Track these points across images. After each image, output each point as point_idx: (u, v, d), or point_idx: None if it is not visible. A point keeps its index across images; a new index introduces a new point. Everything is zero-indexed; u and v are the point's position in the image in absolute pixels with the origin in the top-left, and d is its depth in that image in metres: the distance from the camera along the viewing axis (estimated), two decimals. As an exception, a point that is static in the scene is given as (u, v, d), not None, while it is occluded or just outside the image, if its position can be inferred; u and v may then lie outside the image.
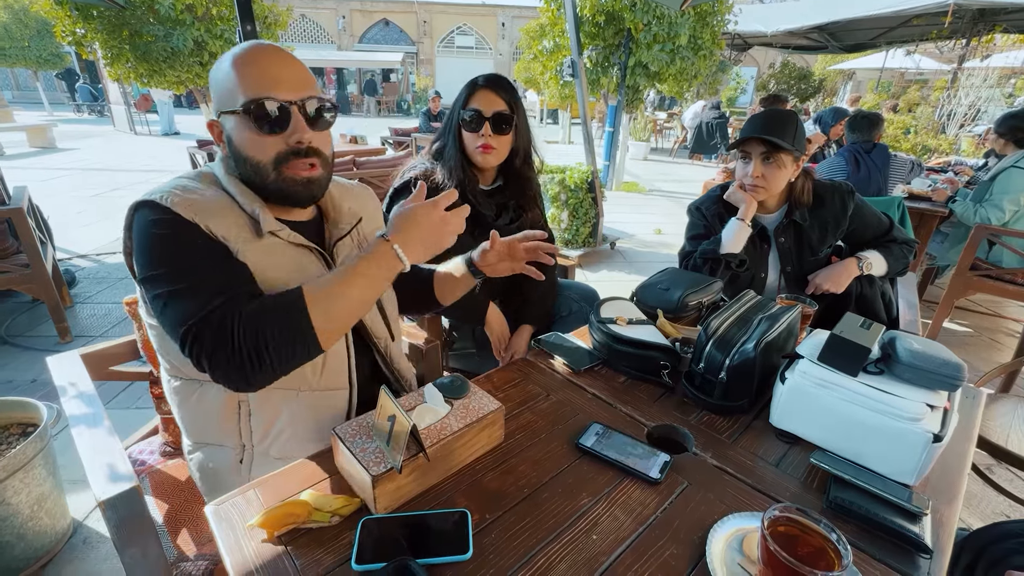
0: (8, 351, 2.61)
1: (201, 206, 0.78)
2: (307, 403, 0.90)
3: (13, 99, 16.79)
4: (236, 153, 0.84)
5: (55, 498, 1.50)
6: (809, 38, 9.73)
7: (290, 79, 0.81)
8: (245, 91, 0.78)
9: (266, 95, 0.78)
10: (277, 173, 0.82)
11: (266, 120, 0.79)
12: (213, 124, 0.86)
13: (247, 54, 0.81)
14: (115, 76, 5.97)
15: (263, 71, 0.80)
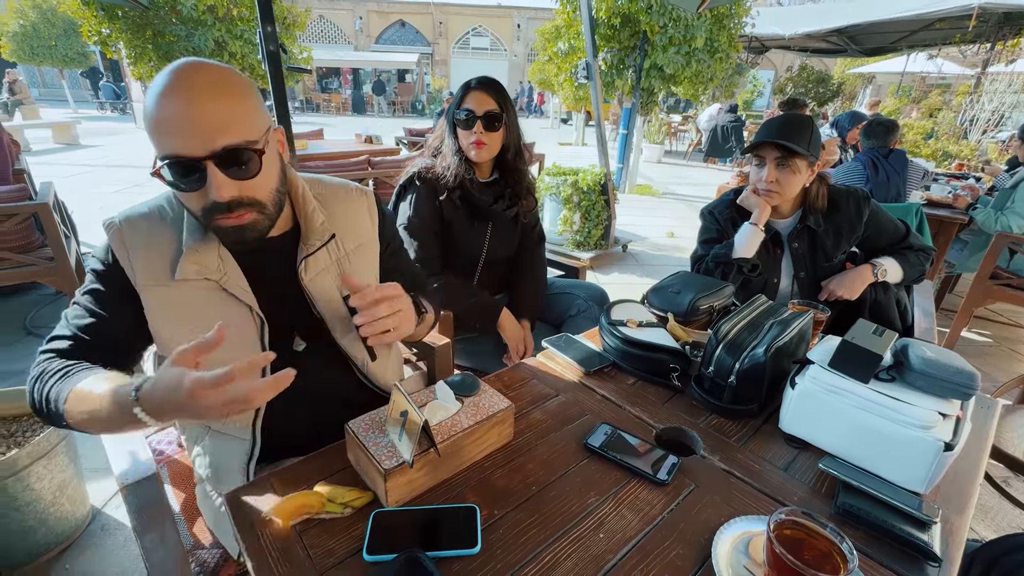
0: (32, 342, 2.69)
1: (135, 239, 0.81)
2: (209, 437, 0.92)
3: (39, 96, 17.21)
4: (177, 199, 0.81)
5: (76, 485, 1.54)
6: (828, 41, 9.62)
7: (200, 128, 0.68)
8: (157, 143, 0.70)
9: (172, 153, 0.69)
10: (208, 221, 0.76)
11: (179, 179, 0.71)
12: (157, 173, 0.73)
13: (160, 93, 0.68)
14: (138, 75, 6.10)
15: (169, 121, 0.68)
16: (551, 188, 4.24)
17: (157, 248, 0.82)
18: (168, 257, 0.81)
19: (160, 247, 0.82)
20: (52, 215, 2.49)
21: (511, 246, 1.66)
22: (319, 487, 0.73)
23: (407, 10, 23.11)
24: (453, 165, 1.48)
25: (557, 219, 4.27)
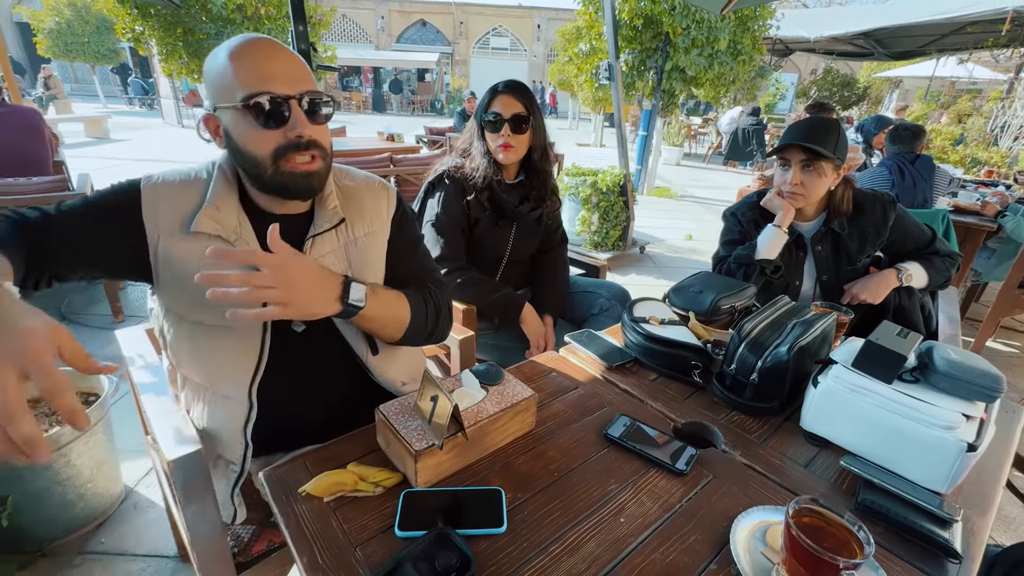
0: (67, 327, 2.79)
1: (165, 193, 0.85)
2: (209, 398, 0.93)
3: (71, 91, 17.75)
4: (234, 147, 0.83)
5: (112, 464, 1.61)
6: (854, 44, 9.44)
7: (287, 74, 0.80)
8: (243, 85, 0.77)
9: (264, 89, 0.77)
10: (275, 167, 0.81)
11: (265, 114, 0.78)
12: (210, 119, 0.84)
13: (243, 48, 0.79)
14: (168, 71, 6.28)
15: (260, 65, 0.78)
16: (570, 188, 4.25)
17: (183, 203, 0.85)
18: (189, 212, 0.84)
19: (185, 203, 0.85)
20: (89, 206, 2.59)
21: (534, 246, 1.70)
22: (352, 466, 0.76)
23: (428, 10, 23.29)
24: (482, 167, 1.51)
25: (575, 219, 4.29)
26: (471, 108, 8.05)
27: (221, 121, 0.83)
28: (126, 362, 1.13)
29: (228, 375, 0.90)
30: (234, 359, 0.89)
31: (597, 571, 0.63)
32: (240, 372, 0.89)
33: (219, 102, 0.81)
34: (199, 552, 0.90)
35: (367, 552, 0.65)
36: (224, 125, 0.83)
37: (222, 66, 0.79)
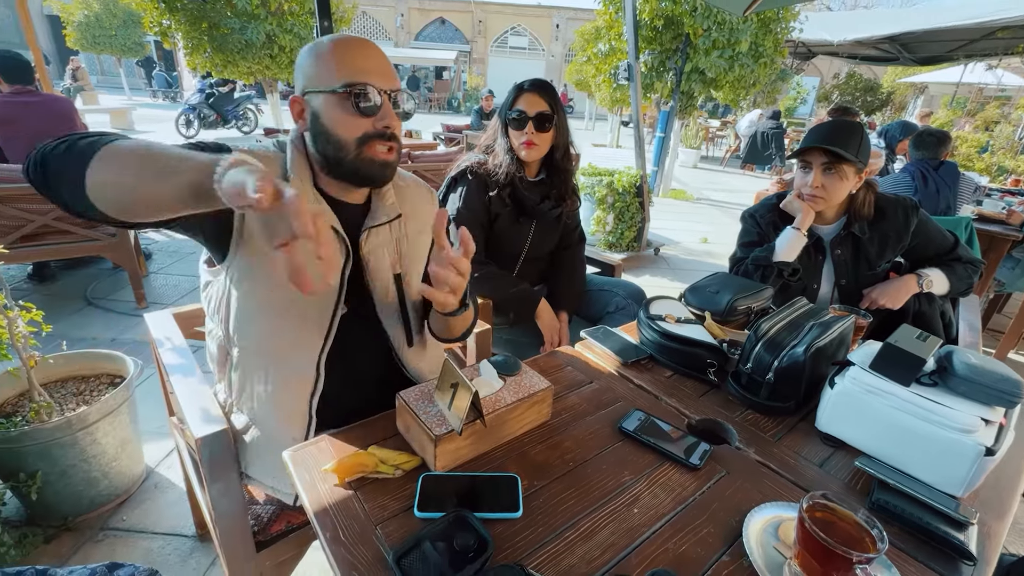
0: (92, 312, 2.88)
1: (259, 157, 0.88)
2: (274, 377, 0.94)
3: (98, 83, 18.14)
4: (321, 129, 0.88)
5: (134, 444, 1.66)
6: (879, 48, 9.27)
7: (384, 71, 0.88)
8: (345, 75, 0.85)
9: (363, 80, 0.85)
10: (358, 152, 0.88)
11: (362, 103, 0.85)
12: (296, 100, 0.90)
13: (348, 42, 0.88)
14: (193, 65, 6.40)
15: (363, 60, 0.86)
16: (586, 188, 4.25)
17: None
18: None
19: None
20: (117, 194, 2.65)
21: (552, 244, 1.71)
22: (372, 449, 0.78)
23: (448, 8, 23.37)
24: (505, 164, 1.53)
25: (591, 219, 4.29)
26: (488, 106, 8.07)
27: (310, 104, 0.89)
28: (154, 344, 1.17)
29: (299, 345, 0.94)
30: (305, 330, 0.93)
31: (611, 557, 0.65)
32: (310, 342, 0.94)
33: (313, 87, 0.87)
34: (222, 528, 0.93)
35: (387, 531, 0.67)
36: (313, 108, 0.88)
37: (324, 54, 0.86)
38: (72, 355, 1.66)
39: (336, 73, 0.85)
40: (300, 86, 0.90)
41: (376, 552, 0.63)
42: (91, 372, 1.68)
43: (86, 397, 1.59)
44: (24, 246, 2.54)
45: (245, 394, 0.97)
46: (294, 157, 0.92)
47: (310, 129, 0.90)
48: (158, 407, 1.95)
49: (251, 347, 0.95)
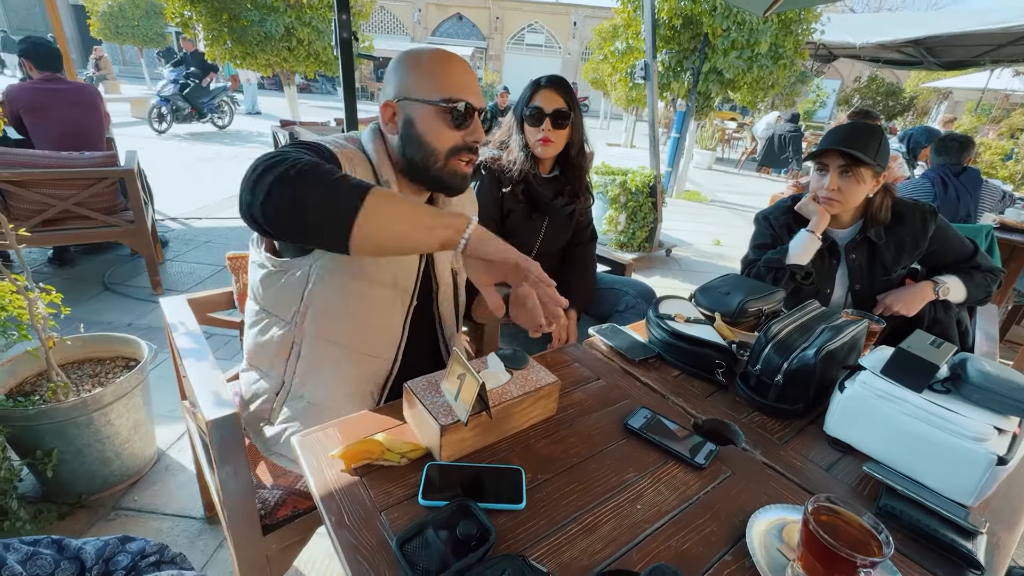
0: (109, 297, 2.93)
1: (350, 155, 0.93)
2: (350, 361, 1.01)
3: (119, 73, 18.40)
4: (413, 135, 0.93)
5: (147, 426, 1.69)
6: (903, 52, 9.09)
7: (477, 91, 0.94)
8: (446, 89, 0.90)
9: (463, 98, 0.91)
10: (446, 162, 0.94)
11: (457, 118, 0.91)
12: (389, 105, 0.94)
13: (450, 59, 0.93)
14: (212, 56, 6.47)
15: (461, 77, 0.92)
16: (599, 187, 4.24)
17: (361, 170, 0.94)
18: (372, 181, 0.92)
19: (362, 171, 0.94)
20: (136, 181, 2.70)
21: (563, 240, 1.71)
22: (379, 436, 0.79)
23: (466, 3, 23.35)
24: (519, 160, 1.53)
25: (603, 218, 4.27)
26: (503, 103, 8.06)
27: (404, 111, 0.93)
28: (168, 329, 1.19)
29: (380, 334, 1.01)
30: (387, 320, 1.01)
31: (613, 552, 0.65)
32: (392, 331, 1.02)
33: (411, 95, 0.92)
34: (229, 510, 0.95)
35: (391, 517, 0.67)
36: (408, 115, 0.93)
37: (427, 67, 0.92)
38: (89, 337, 1.70)
39: (438, 87, 0.91)
40: (394, 91, 0.94)
41: (380, 537, 0.64)
42: (107, 355, 1.72)
43: (101, 379, 1.62)
44: (45, 230, 2.60)
45: (311, 382, 1.01)
46: (381, 160, 0.96)
47: (401, 134, 0.94)
48: (171, 392, 1.98)
49: (329, 336, 0.99)
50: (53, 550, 0.46)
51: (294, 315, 0.98)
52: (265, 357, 1.05)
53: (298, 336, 0.99)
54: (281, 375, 1.03)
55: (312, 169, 0.70)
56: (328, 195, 0.69)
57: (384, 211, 0.71)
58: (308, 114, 9.36)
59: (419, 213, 0.75)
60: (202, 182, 5.50)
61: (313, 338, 0.99)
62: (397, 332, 1.03)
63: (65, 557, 0.46)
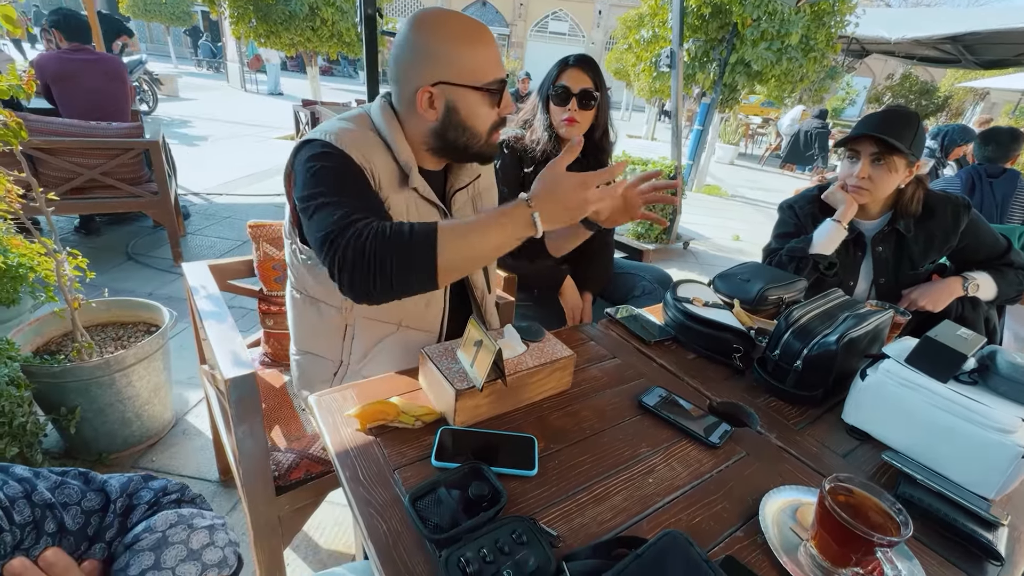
0: (132, 266, 3.00)
1: (361, 143, 0.88)
2: (402, 337, 1.03)
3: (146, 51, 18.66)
4: (456, 121, 0.89)
5: (166, 390, 1.73)
6: (939, 49, 8.76)
7: (500, 58, 0.91)
8: (488, 71, 0.88)
9: (499, 76, 0.89)
10: (487, 139, 0.94)
11: (498, 96, 0.91)
12: (427, 91, 0.87)
13: (480, 33, 0.88)
14: (237, 34, 6.51)
15: (494, 53, 0.89)
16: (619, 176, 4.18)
17: (377, 153, 0.90)
18: (389, 165, 0.92)
19: (378, 153, 0.90)
20: (161, 153, 2.74)
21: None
22: (395, 399, 0.80)
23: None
24: (542, 140, 1.51)
25: (620, 208, 4.22)
26: (524, 89, 7.99)
27: (444, 96, 0.88)
28: (190, 291, 1.22)
29: (428, 305, 1.02)
30: (430, 297, 1.01)
31: (622, 521, 0.65)
32: (435, 303, 1.03)
33: (450, 78, 0.86)
34: (244, 469, 0.97)
35: (404, 475, 0.68)
36: (450, 100, 0.88)
37: (462, 46, 0.86)
38: (112, 302, 1.73)
39: (481, 69, 0.87)
40: (428, 75, 0.87)
41: (392, 493, 0.65)
42: (130, 320, 1.76)
43: (124, 342, 1.66)
44: (73, 198, 2.65)
45: (371, 358, 1.03)
46: (399, 142, 0.92)
47: (443, 119, 0.90)
48: (189, 360, 2.03)
49: (378, 316, 1.00)
50: (80, 481, 0.48)
51: (343, 300, 0.99)
52: (319, 341, 1.05)
53: (350, 319, 1.01)
54: (339, 355, 1.05)
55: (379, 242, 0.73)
56: (403, 260, 0.74)
57: (454, 246, 0.75)
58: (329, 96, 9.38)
59: (486, 229, 0.77)
60: (223, 159, 5.57)
61: (365, 319, 1.01)
62: (440, 305, 1.05)
63: (91, 488, 0.47)
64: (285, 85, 13.33)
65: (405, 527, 0.61)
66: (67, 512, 0.44)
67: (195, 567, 0.45)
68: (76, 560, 0.40)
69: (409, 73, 0.89)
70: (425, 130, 0.93)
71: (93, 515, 0.47)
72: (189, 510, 0.50)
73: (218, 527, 0.50)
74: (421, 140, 0.94)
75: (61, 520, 0.44)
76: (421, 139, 0.94)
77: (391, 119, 0.94)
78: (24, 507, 0.41)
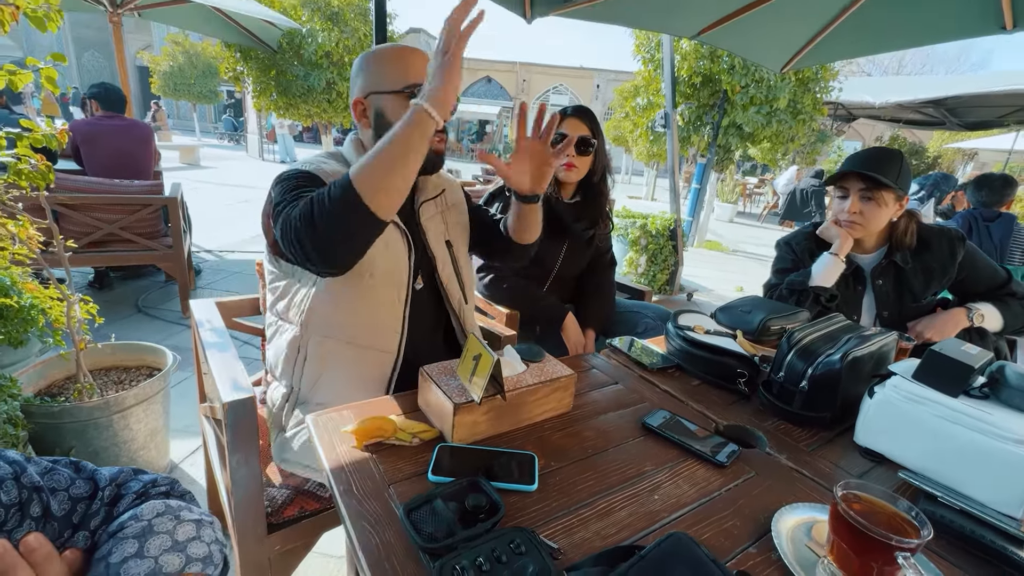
0: (140, 318, 3.03)
1: (328, 169, 0.98)
2: (354, 357, 1.01)
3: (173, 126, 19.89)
4: (385, 125, 0.96)
5: (162, 436, 1.70)
6: (923, 112, 9.19)
7: (423, 68, 0.99)
8: (409, 76, 0.97)
9: (419, 81, 0.98)
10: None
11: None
12: (359, 102, 1.01)
13: (405, 50, 1.00)
14: (258, 107, 6.97)
15: (420, 64, 0.99)
16: (620, 229, 4.28)
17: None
18: None
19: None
20: (178, 209, 2.86)
21: (582, 265, 1.73)
22: (392, 417, 0.79)
23: (494, 68, 24.84)
24: None
25: (623, 260, 4.29)
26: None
27: (373, 105, 0.99)
28: (195, 325, 1.23)
29: (381, 326, 1.02)
30: (387, 311, 1.02)
31: (627, 536, 0.62)
32: (392, 321, 1.03)
33: (377, 88, 0.98)
34: (236, 501, 0.94)
35: (400, 490, 0.66)
36: (377, 107, 0.99)
37: (388, 61, 0.98)
38: (117, 345, 1.75)
39: (401, 76, 0.98)
40: (361, 88, 1.00)
41: (387, 507, 0.63)
42: (134, 363, 1.76)
43: (125, 386, 1.66)
44: (90, 251, 2.74)
45: (321, 383, 1.02)
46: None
47: (374, 126, 1.01)
48: (188, 407, 2.01)
49: (330, 334, 1.00)
50: (70, 469, 0.47)
51: (299, 317, 1.01)
52: (279, 367, 1.06)
53: (304, 338, 1.01)
54: (289, 380, 1.04)
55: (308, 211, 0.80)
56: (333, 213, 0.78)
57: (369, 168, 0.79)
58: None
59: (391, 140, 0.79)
60: (237, 221, 5.77)
61: (318, 338, 1.01)
62: (398, 323, 1.03)
63: (81, 476, 0.46)
64: (300, 153, 14.06)
65: (399, 539, 0.58)
66: (54, 497, 0.43)
67: (179, 558, 0.43)
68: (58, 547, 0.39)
69: (351, 95, 1.02)
70: (370, 142, 1.00)
71: (80, 502, 0.46)
72: (177, 502, 0.48)
73: (206, 523, 0.48)
74: None
75: (47, 504, 0.42)
76: None
77: (357, 145, 1.05)
78: (12, 487, 0.40)
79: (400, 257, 1.03)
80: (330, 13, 6.46)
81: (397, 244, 1.02)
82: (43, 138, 1.32)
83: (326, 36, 6.34)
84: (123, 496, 0.49)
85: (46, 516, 0.42)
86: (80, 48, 20.51)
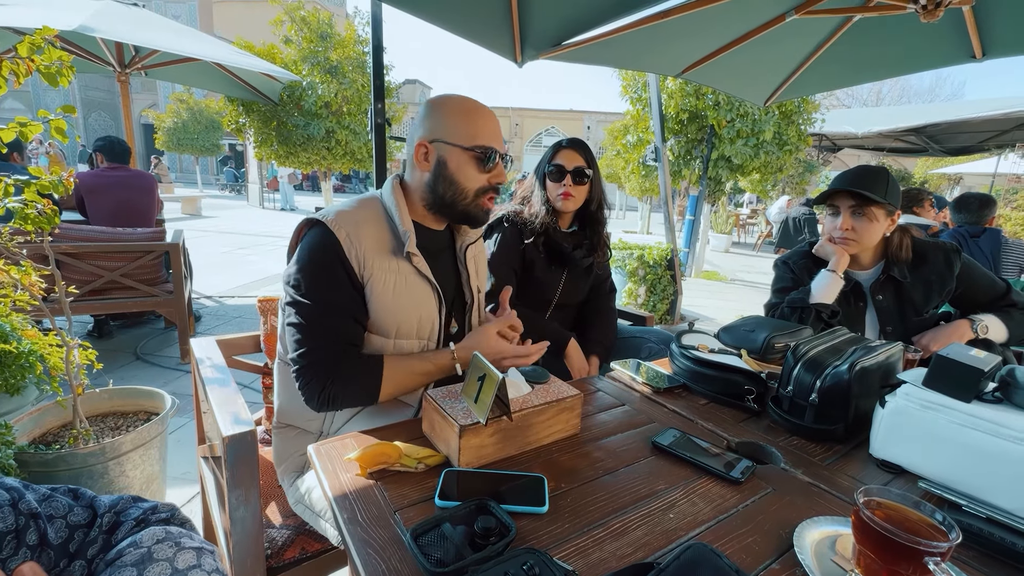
0: (139, 365, 3.00)
1: (353, 219, 0.97)
2: (382, 407, 1.04)
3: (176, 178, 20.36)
4: (445, 175, 1.00)
5: (159, 483, 1.65)
6: (905, 140, 9.46)
7: (501, 138, 1.05)
8: (479, 137, 1.00)
9: (491, 145, 1.01)
10: (474, 200, 1.03)
11: (488, 162, 1.01)
12: (423, 144, 1.01)
13: (482, 110, 1.04)
14: (259, 156, 7.17)
15: (492, 128, 1.03)
16: (617, 261, 4.32)
17: (367, 225, 0.99)
18: (383, 235, 1.00)
19: (370, 224, 0.99)
20: (180, 255, 2.89)
21: (583, 293, 1.73)
22: (397, 443, 0.77)
23: (488, 114, 25.73)
24: (540, 214, 1.60)
25: (622, 291, 4.30)
26: (519, 187, 8.52)
27: (439, 152, 1.01)
28: (195, 362, 1.22)
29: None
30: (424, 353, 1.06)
31: (644, 556, 0.59)
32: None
33: (446, 138, 1.00)
34: (236, 542, 0.90)
35: (406, 516, 0.64)
36: (441, 156, 1.01)
37: (463, 115, 1.01)
38: (114, 390, 1.72)
39: (471, 134, 1.00)
40: (428, 133, 1.01)
41: (393, 533, 0.60)
42: (131, 409, 1.73)
43: (122, 432, 1.62)
44: (90, 299, 2.75)
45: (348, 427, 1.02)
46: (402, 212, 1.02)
47: (433, 172, 1.02)
48: (185, 454, 1.97)
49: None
50: (69, 497, 0.45)
51: None
52: (302, 413, 1.03)
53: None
54: (320, 426, 1.04)
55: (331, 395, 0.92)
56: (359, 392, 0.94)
57: (393, 381, 0.96)
58: (341, 208, 10.02)
59: (416, 368, 0.98)
60: (238, 267, 5.81)
61: None
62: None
63: (80, 504, 0.45)
64: (299, 201, 14.34)
65: (406, 565, 0.56)
66: (51, 524, 0.42)
67: (177, 586, 0.41)
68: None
69: (414, 134, 1.03)
70: (422, 183, 1.02)
71: (78, 530, 0.44)
72: (178, 529, 0.46)
73: (207, 551, 0.46)
74: (420, 196, 1.03)
75: (44, 532, 0.41)
76: (420, 194, 1.03)
77: (397, 190, 1.04)
78: (8, 514, 0.38)
79: (431, 312, 1.04)
80: (329, 67, 6.75)
81: (428, 303, 1.03)
82: (49, 185, 1.35)
83: (325, 88, 6.60)
84: (122, 523, 0.47)
85: (42, 544, 0.41)
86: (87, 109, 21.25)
